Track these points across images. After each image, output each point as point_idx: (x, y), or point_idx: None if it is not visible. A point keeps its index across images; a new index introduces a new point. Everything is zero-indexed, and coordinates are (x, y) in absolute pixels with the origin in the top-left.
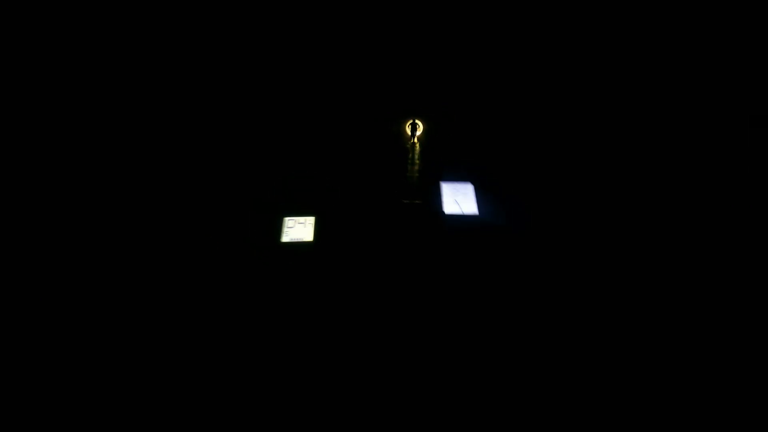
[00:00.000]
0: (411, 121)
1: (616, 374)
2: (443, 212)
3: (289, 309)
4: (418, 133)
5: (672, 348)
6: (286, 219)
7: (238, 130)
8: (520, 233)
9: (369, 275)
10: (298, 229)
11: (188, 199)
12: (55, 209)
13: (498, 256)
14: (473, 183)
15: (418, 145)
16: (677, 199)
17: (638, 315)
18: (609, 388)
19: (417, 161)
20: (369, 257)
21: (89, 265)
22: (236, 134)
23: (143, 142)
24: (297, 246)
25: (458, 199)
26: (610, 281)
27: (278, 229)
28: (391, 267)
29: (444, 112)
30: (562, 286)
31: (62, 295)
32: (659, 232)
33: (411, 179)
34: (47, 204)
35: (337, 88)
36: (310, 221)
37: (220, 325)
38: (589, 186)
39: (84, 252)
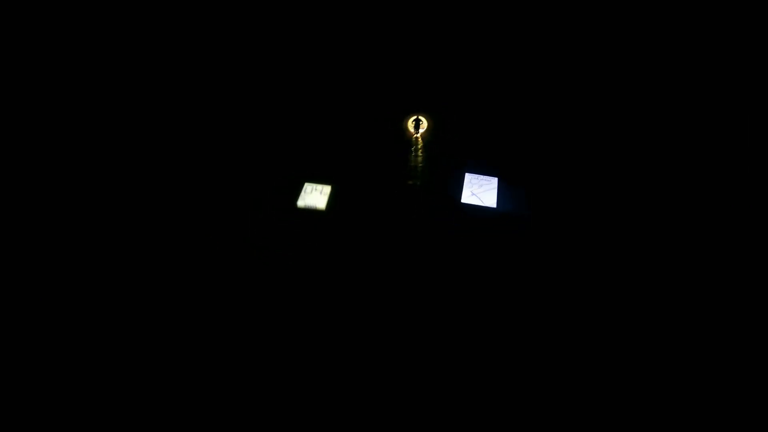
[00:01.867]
0: (414, 117)
1: (634, 371)
2: (459, 201)
3: (295, 274)
4: (422, 130)
5: (692, 346)
6: (306, 184)
7: (267, 116)
8: (536, 228)
9: (374, 250)
10: (315, 195)
11: (214, 160)
12: (61, 203)
13: (509, 246)
14: (497, 177)
15: (420, 140)
16: (706, 197)
17: (660, 311)
18: (628, 385)
19: (420, 154)
20: (376, 233)
21: (110, 243)
22: (257, 116)
23: (171, 118)
24: (310, 212)
25: (477, 191)
26: (623, 279)
27: (297, 193)
28: (397, 246)
29: (468, 105)
30: (574, 282)
31: (72, 286)
32: (686, 228)
33: (416, 167)
34: (49, 201)
35: (353, 80)
36: (326, 190)
37: (232, 288)
38: (610, 185)
39: (105, 231)
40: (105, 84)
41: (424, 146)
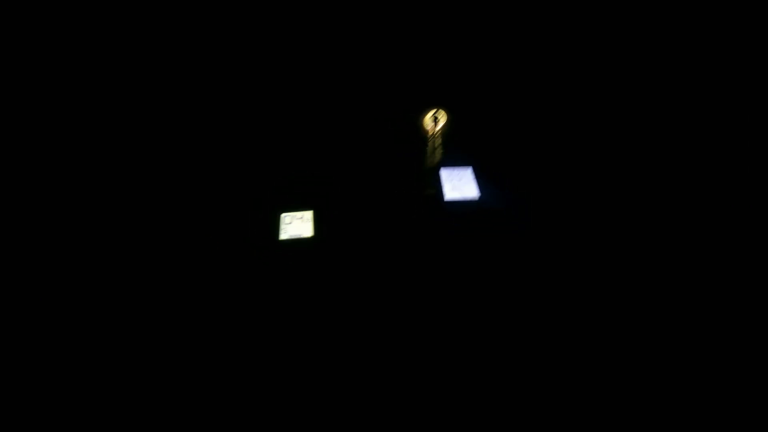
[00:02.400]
0: (433, 112)
1: (621, 368)
2: (443, 200)
3: (291, 310)
4: (440, 125)
5: (678, 343)
6: (283, 215)
7: (226, 127)
8: (522, 219)
9: (373, 269)
10: (296, 224)
11: (180, 198)
12: (51, 207)
13: (503, 245)
14: (472, 167)
15: (439, 138)
16: (680, 191)
17: (641, 307)
18: (612, 383)
19: (437, 154)
20: (372, 251)
21: (79, 265)
22: (225, 131)
23: (134, 142)
24: (296, 243)
25: (456, 184)
26: (613, 271)
27: (276, 227)
28: (395, 259)
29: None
30: (566, 275)
31: (53, 292)
32: (661, 223)
33: (427, 171)
34: (41, 201)
35: (335, 82)
36: (308, 216)
37: (219, 329)
38: (592, 175)
39: (73, 253)
40: (88, 89)
41: (440, 143)
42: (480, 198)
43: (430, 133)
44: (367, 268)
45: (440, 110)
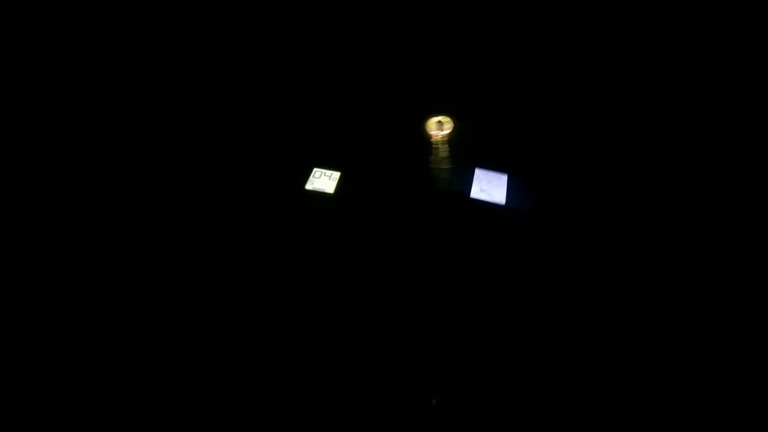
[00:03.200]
0: (438, 119)
1: (645, 369)
2: (468, 197)
3: (303, 259)
4: (445, 132)
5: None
6: (315, 169)
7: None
8: (544, 224)
9: (379, 237)
10: (324, 180)
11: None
12: (61, 203)
13: (518, 245)
14: (507, 173)
15: (442, 142)
16: (714, 193)
17: (670, 308)
18: (639, 384)
19: (441, 155)
20: (384, 219)
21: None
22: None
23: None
24: (318, 195)
25: (486, 186)
26: (638, 277)
27: (306, 177)
28: (403, 235)
29: (477, 103)
30: (581, 278)
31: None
32: (696, 222)
33: (431, 166)
34: (47, 200)
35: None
36: (336, 176)
37: (241, 267)
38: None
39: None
40: (118, 79)
41: (446, 148)
42: (507, 205)
43: (435, 139)
44: (374, 234)
45: (445, 116)
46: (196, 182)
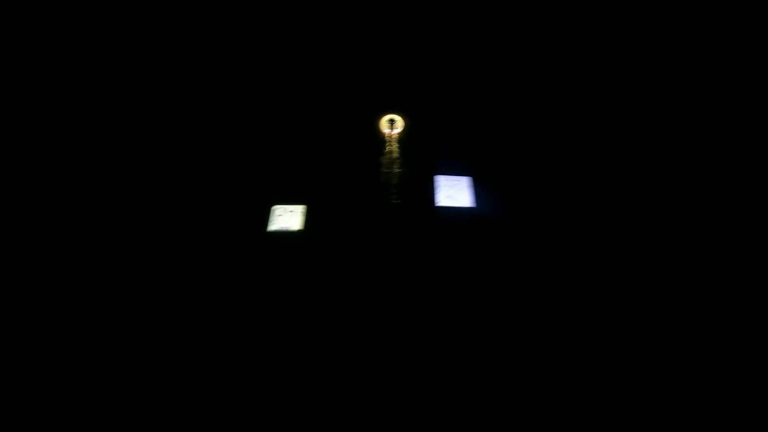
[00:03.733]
0: (389, 118)
1: (614, 372)
2: (436, 206)
3: (277, 301)
4: (398, 130)
5: (671, 345)
6: (275, 207)
7: (228, 123)
8: (514, 226)
9: (359, 265)
10: (287, 217)
11: (174, 189)
12: (47, 205)
13: (492, 248)
14: (469, 176)
15: (395, 144)
16: (673, 191)
17: (634, 311)
18: (606, 385)
19: (396, 160)
20: (359, 246)
21: (72, 264)
22: (226, 128)
23: (128, 136)
24: (285, 235)
25: (452, 193)
26: (607, 276)
27: (266, 218)
28: (383, 258)
29: (434, 105)
30: (558, 279)
31: (47, 291)
32: (655, 227)
33: (391, 178)
34: (36, 203)
35: (327, 83)
36: (299, 209)
37: (207, 319)
38: (585, 180)
39: (66, 252)
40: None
41: (398, 147)
42: (475, 207)
43: (387, 138)
44: (350, 262)
45: (396, 115)
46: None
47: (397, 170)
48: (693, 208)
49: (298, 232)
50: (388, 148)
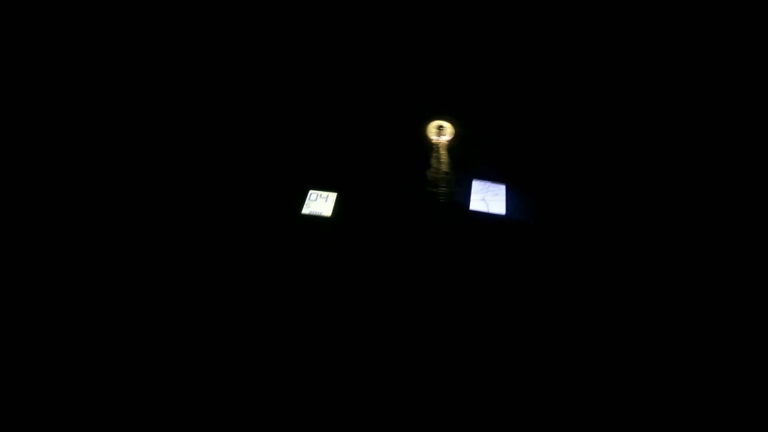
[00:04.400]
0: (438, 124)
1: (645, 381)
2: (468, 208)
3: (302, 283)
4: (446, 137)
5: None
6: (311, 192)
7: (281, 115)
8: (546, 234)
9: (381, 256)
10: (320, 202)
11: (218, 169)
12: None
13: (521, 254)
14: (505, 184)
15: (443, 151)
16: (716, 197)
17: (673, 319)
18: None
19: (442, 161)
20: (383, 238)
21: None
22: (279, 119)
23: (176, 122)
24: (315, 219)
25: (487, 197)
26: (640, 287)
27: (302, 200)
28: (404, 252)
29: (477, 111)
30: (582, 286)
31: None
32: (690, 234)
33: (435, 175)
34: (41, 204)
35: (369, 82)
36: (332, 197)
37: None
38: (622, 191)
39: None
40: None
41: (446, 153)
42: (507, 216)
43: (435, 144)
44: (374, 252)
45: (445, 122)
46: (185, 217)
47: (439, 175)
48: (724, 212)
49: (329, 218)
50: (434, 155)
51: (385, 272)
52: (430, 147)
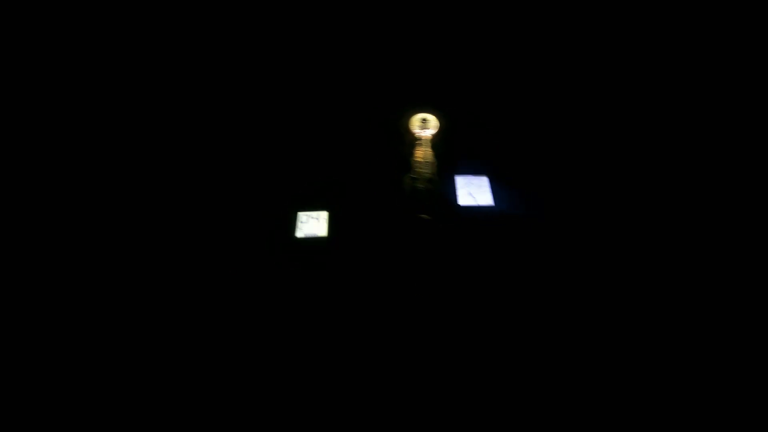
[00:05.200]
0: (422, 117)
1: (631, 373)
2: (457, 204)
3: (303, 305)
4: (431, 131)
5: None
6: (300, 214)
7: (246, 127)
8: (537, 224)
9: (383, 269)
10: (312, 223)
11: (196, 196)
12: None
13: (517, 248)
14: (488, 175)
15: (427, 145)
16: (693, 191)
17: (658, 310)
18: (622, 387)
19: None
20: (383, 251)
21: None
22: (244, 132)
23: (145, 140)
24: (311, 241)
25: (472, 191)
26: (628, 278)
27: (292, 225)
28: (406, 261)
29: (455, 105)
30: (577, 279)
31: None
32: (681, 225)
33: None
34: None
35: (344, 82)
36: (323, 216)
37: (232, 322)
38: (608, 179)
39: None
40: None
41: (431, 149)
42: (496, 206)
43: (419, 138)
44: (377, 266)
45: (429, 115)
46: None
47: (426, 174)
48: (711, 206)
49: (324, 238)
50: (417, 150)
51: (388, 277)
52: (412, 143)
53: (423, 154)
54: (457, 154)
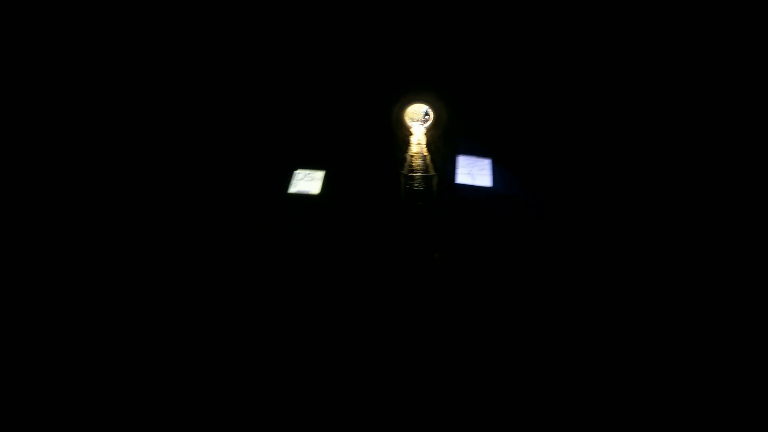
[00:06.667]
0: (419, 106)
1: (626, 360)
2: (455, 182)
3: (291, 258)
4: (428, 123)
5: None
6: (297, 171)
7: (264, 98)
8: (530, 207)
9: (370, 231)
10: (306, 181)
11: (208, 154)
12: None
13: (505, 226)
14: (490, 158)
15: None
16: (691, 184)
17: (649, 295)
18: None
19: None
20: (372, 214)
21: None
22: (263, 102)
23: (150, 98)
24: (303, 197)
25: (473, 171)
26: (623, 264)
27: (288, 180)
28: (394, 227)
29: (462, 89)
30: (569, 266)
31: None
32: (673, 211)
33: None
34: (46, 200)
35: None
36: (318, 175)
37: (230, 273)
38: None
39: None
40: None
41: (429, 137)
42: (494, 188)
43: (421, 125)
44: (364, 226)
45: (426, 104)
46: (173, 198)
47: (420, 157)
48: (706, 200)
49: (317, 195)
50: (414, 137)
51: (380, 251)
52: (410, 130)
53: (418, 148)
54: (464, 134)
